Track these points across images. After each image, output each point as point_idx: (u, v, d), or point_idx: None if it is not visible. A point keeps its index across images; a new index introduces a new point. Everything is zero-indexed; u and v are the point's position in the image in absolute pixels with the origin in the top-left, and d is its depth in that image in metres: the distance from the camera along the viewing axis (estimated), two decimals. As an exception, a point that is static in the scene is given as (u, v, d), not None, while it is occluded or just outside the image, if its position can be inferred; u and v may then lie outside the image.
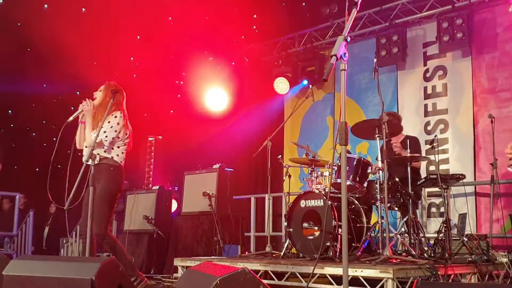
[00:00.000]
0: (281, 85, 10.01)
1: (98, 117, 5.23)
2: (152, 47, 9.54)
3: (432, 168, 7.73)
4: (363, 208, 6.11)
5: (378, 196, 5.55)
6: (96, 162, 4.87)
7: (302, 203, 6.22)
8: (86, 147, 5.22)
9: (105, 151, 5.17)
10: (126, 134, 5.33)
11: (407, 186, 5.84)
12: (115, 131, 5.19)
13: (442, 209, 7.75)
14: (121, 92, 5.40)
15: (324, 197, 5.95)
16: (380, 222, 5.53)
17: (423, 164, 6.81)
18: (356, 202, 6.14)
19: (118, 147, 5.26)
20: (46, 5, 8.93)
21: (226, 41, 10.39)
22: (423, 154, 7.13)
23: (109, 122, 5.17)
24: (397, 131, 6.18)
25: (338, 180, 6.05)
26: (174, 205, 8.91)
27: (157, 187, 8.32)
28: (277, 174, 7.90)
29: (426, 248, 5.93)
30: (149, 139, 10.29)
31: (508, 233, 6.80)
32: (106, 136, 5.13)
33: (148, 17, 8.89)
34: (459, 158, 8.07)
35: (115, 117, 5.23)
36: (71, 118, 5.11)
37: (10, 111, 10.17)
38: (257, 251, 8.02)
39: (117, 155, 5.25)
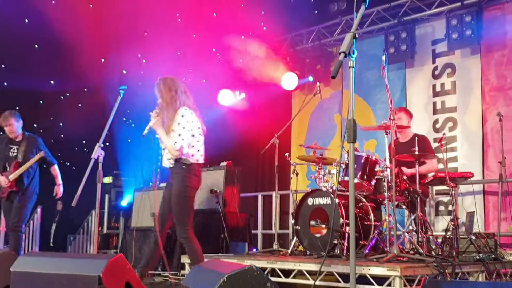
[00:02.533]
0: (288, 80, 9.98)
1: (169, 122, 5.04)
2: (160, 44, 9.54)
3: (440, 166, 7.70)
4: (371, 206, 6.09)
5: (386, 194, 5.53)
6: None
7: (310, 201, 6.20)
8: (169, 159, 5.09)
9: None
10: (198, 128, 5.15)
11: (415, 184, 5.82)
12: (188, 130, 4.99)
13: (450, 208, 7.72)
14: (177, 83, 5.16)
15: (332, 195, 5.93)
16: (387, 220, 5.50)
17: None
18: (364, 200, 6.12)
19: (193, 146, 5.10)
20: (53, 1, 8.94)
21: (233, 37, 10.37)
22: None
23: (179, 123, 4.97)
24: None
25: (346, 178, 6.03)
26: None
27: (164, 184, 8.30)
28: (284, 171, 7.90)
29: (433, 247, 5.90)
30: (156, 137, 10.30)
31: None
32: (183, 139, 4.95)
33: (156, 14, 8.88)
34: (467, 156, 8.03)
35: (182, 116, 5.00)
36: (145, 132, 4.99)
37: (17, 108, 10.19)
38: (264, 248, 8.01)
39: (192, 155, 5.09)
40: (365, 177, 5.99)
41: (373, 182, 6.03)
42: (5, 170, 6.86)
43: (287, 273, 5.41)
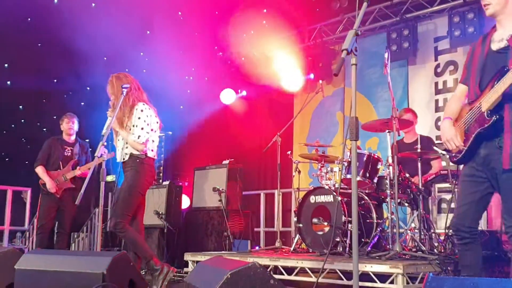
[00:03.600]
0: (293, 81, 9.97)
1: (124, 117, 5.05)
2: (162, 42, 9.54)
3: (443, 163, 7.69)
4: (373, 203, 6.09)
5: (388, 191, 5.54)
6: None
7: (312, 199, 6.22)
8: (126, 153, 5.07)
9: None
10: (157, 123, 5.17)
11: (417, 181, 5.83)
12: (148, 124, 5.01)
13: (452, 205, 7.70)
14: (129, 79, 5.15)
15: (334, 193, 5.94)
16: (390, 218, 5.51)
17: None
18: (366, 197, 6.13)
19: (153, 141, 5.13)
20: (56, 0, 8.95)
21: (235, 36, 10.37)
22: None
23: (139, 118, 5.00)
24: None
25: (348, 176, 6.04)
26: (185, 200, 8.93)
27: (167, 182, 8.32)
28: (286, 170, 7.91)
29: (436, 244, 5.91)
30: (159, 134, 10.33)
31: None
32: (148, 132, 5.00)
33: (158, 12, 8.89)
34: (470, 154, 8.01)
35: (141, 110, 5.03)
36: (104, 131, 4.97)
37: (20, 107, 10.21)
38: (267, 246, 8.03)
39: (152, 150, 5.10)
40: (368, 175, 6.01)
41: (375, 180, 6.04)
42: (58, 168, 7.00)
43: (290, 270, 5.43)
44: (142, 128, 4.97)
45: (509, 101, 3.36)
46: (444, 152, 3.87)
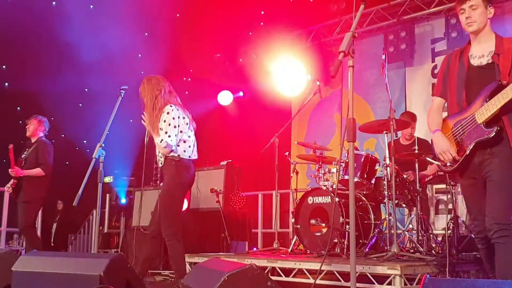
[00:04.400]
0: (291, 83, 9.98)
1: (155, 121, 5.02)
2: (160, 44, 9.55)
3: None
4: (371, 204, 6.10)
5: (386, 192, 5.54)
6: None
7: (310, 200, 6.22)
8: (160, 157, 5.10)
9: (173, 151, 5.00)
10: (187, 124, 5.11)
11: (415, 183, 5.83)
12: (174, 126, 4.97)
13: (450, 206, 7.72)
14: (161, 83, 5.14)
15: (332, 194, 5.94)
16: (387, 219, 5.52)
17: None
18: (364, 198, 6.14)
19: (184, 141, 5.09)
20: (54, 2, 8.95)
21: (233, 37, 10.38)
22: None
23: (165, 121, 4.96)
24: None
25: (346, 177, 6.04)
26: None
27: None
28: (284, 170, 7.90)
29: (434, 245, 5.91)
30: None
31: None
32: (170, 136, 4.93)
33: (156, 13, 8.89)
34: (467, 155, 8.02)
35: (168, 113, 4.99)
36: (146, 140, 5.05)
37: (18, 108, 10.21)
38: (265, 247, 8.03)
39: (184, 151, 5.06)
40: (365, 175, 6.01)
41: (373, 181, 6.05)
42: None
43: (287, 272, 5.42)
44: (166, 132, 4.92)
45: (506, 113, 3.51)
46: (438, 163, 3.92)
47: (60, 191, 10.99)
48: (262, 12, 9.74)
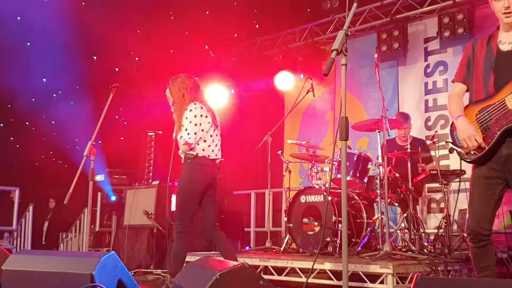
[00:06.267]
0: (284, 80, 9.96)
1: (180, 119, 4.98)
2: (152, 42, 9.51)
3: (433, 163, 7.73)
4: (363, 203, 6.10)
5: (378, 191, 5.55)
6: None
7: (302, 199, 6.22)
8: (181, 154, 5.08)
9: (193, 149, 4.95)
10: (209, 123, 5.04)
11: (407, 182, 5.84)
12: (195, 124, 4.90)
13: (442, 205, 7.74)
14: (186, 81, 5.13)
15: (324, 193, 5.94)
16: (380, 218, 5.53)
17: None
18: (356, 197, 6.14)
19: (205, 140, 5.02)
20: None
21: (226, 35, 10.36)
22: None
23: (186, 118, 4.91)
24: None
25: (338, 176, 6.05)
26: (174, 201, 8.90)
27: (157, 182, 8.29)
28: (277, 169, 7.90)
29: (426, 244, 5.93)
30: (149, 134, 10.28)
31: (508, 229, 6.79)
32: (188, 134, 4.87)
33: (148, 11, 8.86)
34: (459, 154, 8.04)
35: (190, 110, 4.92)
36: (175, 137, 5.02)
37: (9, 105, 10.15)
38: (257, 246, 8.02)
39: (203, 149, 4.99)
40: (358, 174, 6.02)
41: (365, 180, 6.05)
42: None
43: (280, 270, 5.42)
44: (186, 129, 4.87)
45: None
46: (459, 149, 3.76)
47: (52, 189, 10.96)
48: (256, 10, 9.72)
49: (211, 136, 5.05)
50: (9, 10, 8.60)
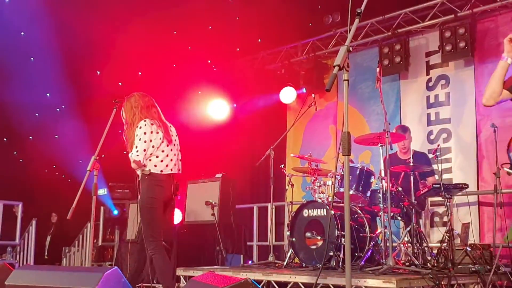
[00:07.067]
0: (287, 94, 10.01)
1: (131, 136, 5.03)
2: (155, 56, 9.56)
3: (435, 177, 7.72)
4: (366, 217, 6.09)
5: (381, 205, 5.54)
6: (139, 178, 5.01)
7: (305, 213, 6.21)
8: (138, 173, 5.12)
9: (144, 166, 4.99)
10: (160, 139, 5.03)
11: (410, 196, 5.84)
12: (145, 141, 4.93)
13: (445, 219, 7.73)
14: (139, 100, 5.14)
15: (327, 207, 5.94)
16: (383, 232, 5.51)
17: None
18: (359, 211, 6.13)
19: (157, 156, 5.02)
20: (50, 15, 8.95)
21: (229, 50, 10.41)
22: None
23: (136, 135, 4.94)
24: None
25: (341, 189, 6.04)
26: (177, 215, 8.89)
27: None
28: (279, 183, 7.90)
29: (429, 258, 5.91)
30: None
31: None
32: (138, 151, 4.90)
33: (152, 26, 8.91)
34: (462, 168, 8.05)
35: (140, 127, 4.96)
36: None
37: (13, 120, 10.20)
38: (260, 260, 8.00)
39: (155, 165, 5.02)
40: (360, 188, 6.01)
41: (368, 194, 6.04)
42: None
43: (283, 285, 5.40)
44: (136, 146, 4.91)
45: None
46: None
47: (55, 204, 10.97)
48: (257, 25, 9.76)
49: (163, 151, 5.06)
50: (13, 25, 8.66)
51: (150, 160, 4.99)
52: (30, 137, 10.65)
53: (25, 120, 10.08)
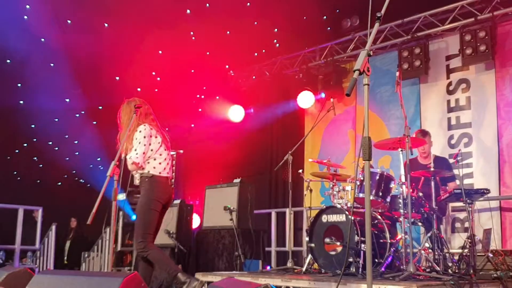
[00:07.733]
0: (306, 99, 10.00)
1: (128, 142, 5.15)
2: (174, 62, 9.60)
3: (456, 182, 7.64)
4: (386, 223, 6.02)
5: (402, 211, 5.48)
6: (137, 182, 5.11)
7: (324, 218, 6.16)
8: (135, 175, 5.24)
9: (142, 168, 5.12)
10: (159, 143, 5.21)
11: (430, 201, 5.77)
12: (144, 144, 5.06)
13: (466, 224, 7.63)
14: (140, 105, 5.25)
15: (347, 212, 5.89)
16: (403, 238, 5.45)
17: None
18: (379, 217, 6.06)
19: (155, 159, 5.17)
20: (69, 21, 9.04)
21: (247, 55, 10.42)
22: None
23: (136, 139, 5.09)
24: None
25: (361, 195, 5.99)
26: (196, 220, 8.90)
27: (178, 201, 8.30)
28: (298, 188, 7.87)
29: (450, 264, 5.83)
30: (170, 153, 10.36)
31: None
32: (137, 153, 5.04)
33: (170, 32, 8.95)
34: (483, 172, 7.95)
35: (139, 131, 5.11)
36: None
37: (33, 126, 10.29)
38: (278, 266, 7.96)
39: (154, 167, 5.15)
40: (380, 193, 5.95)
41: (388, 199, 5.98)
42: None
43: (302, 291, 5.35)
44: (135, 149, 5.05)
45: None
46: None
47: (74, 209, 11.03)
48: (276, 30, 9.76)
49: (161, 155, 5.22)
50: (34, 32, 8.75)
51: (148, 162, 5.14)
52: (50, 143, 10.73)
53: (45, 126, 10.17)
